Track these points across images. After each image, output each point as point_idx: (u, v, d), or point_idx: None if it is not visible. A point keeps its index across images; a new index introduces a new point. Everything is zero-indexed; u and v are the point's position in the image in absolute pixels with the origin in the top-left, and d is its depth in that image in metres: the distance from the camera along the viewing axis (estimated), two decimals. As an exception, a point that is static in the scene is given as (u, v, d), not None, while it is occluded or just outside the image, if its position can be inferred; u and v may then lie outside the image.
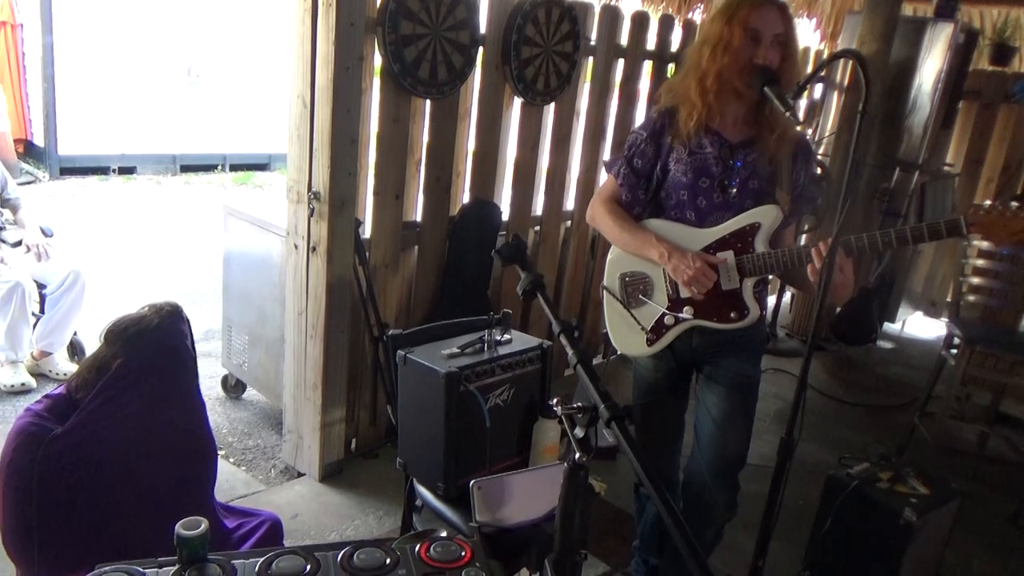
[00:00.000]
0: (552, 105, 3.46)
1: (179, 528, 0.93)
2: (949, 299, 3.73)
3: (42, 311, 3.50)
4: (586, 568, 2.54)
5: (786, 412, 2.09)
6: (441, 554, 1.01)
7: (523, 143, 3.43)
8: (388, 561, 0.97)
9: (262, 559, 0.95)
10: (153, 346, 1.69)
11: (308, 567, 0.94)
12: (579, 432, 1.03)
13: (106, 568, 0.91)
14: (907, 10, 5.31)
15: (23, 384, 3.36)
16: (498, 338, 2.08)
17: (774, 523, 1.88)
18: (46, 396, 1.72)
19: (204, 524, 0.93)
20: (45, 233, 3.60)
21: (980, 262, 3.65)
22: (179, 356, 1.74)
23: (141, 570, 0.91)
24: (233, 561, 0.94)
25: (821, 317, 1.77)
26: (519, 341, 2.11)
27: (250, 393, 3.53)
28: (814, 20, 6.26)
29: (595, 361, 4.25)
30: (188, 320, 1.82)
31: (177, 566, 0.93)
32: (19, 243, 3.50)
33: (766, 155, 1.93)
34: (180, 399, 1.76)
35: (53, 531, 1.59)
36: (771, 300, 5.09)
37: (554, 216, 3.72)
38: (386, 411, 3.02)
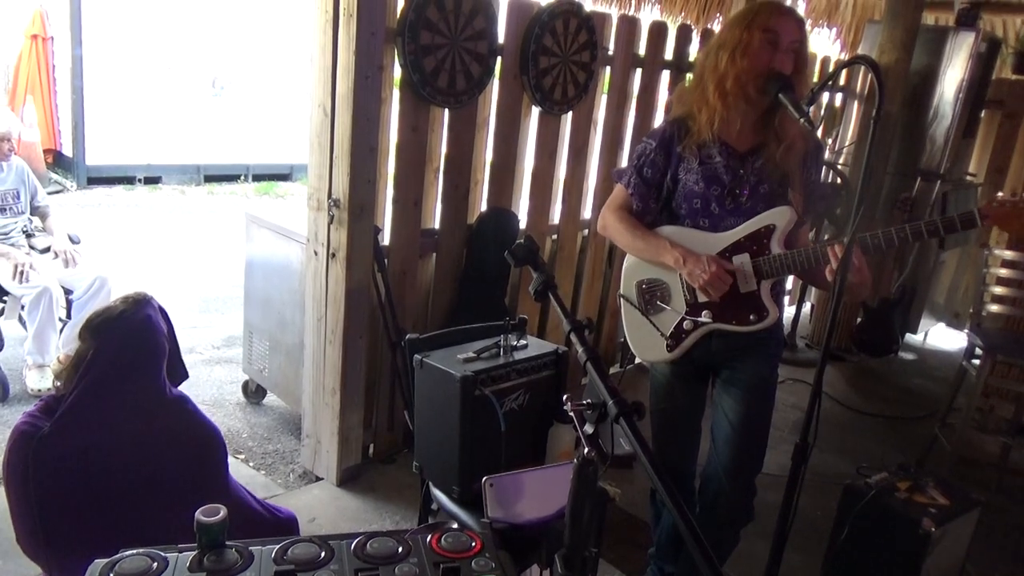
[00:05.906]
0: (569, 115, 3.49)
1: (199, 515, 0.96)
2: (971, 309, 3.68)
3: (69, 316, 3.57)
4: (601, 575, 2.54)
5: (804, 422, 2.09)
6: (452, 544, 1.03)
7: (541, 152, 3.46)
8: (400, 550, 1.00)
9: (278, 546, 0.98)
10: (119, 332, 1.70)
11: (323, 554, 0.97)
12: (588, 428, 1.04)
13: (128, 553, 0.94)
14: (928, 19, 5.28)
15: (50, 389, 3.42)
16: (514, 343, 2.10)
17: (789, 529, 1.87)
18: (40, 399, 1.75)
19: (223, 511, 0.96)
20: (72, 240, 3.69)
21: (1002, 271, 3.60)
22: (146, 340, 1.75)
23: (163, 555, 0.94)
24: (250, 548, 0.97)
25: (836, 321, 1.77)
26: (535, 346, 2.13)
27: (270, 398, 3.58)
28: (834, 30, 6.24)
29: (612, 370, 4.25)
30: (161, 308, 1.83)
31: (197, 551, 0.96)
32: (47, 249, 3.59)
33: (773, 160, 1.94)
34: (152, 382, 1.75)
35: (57, 527, 1.62)
36: (791, 310, 5.07)
37: (571, 225, 3.74)
38: (404, 417, 3.04)
